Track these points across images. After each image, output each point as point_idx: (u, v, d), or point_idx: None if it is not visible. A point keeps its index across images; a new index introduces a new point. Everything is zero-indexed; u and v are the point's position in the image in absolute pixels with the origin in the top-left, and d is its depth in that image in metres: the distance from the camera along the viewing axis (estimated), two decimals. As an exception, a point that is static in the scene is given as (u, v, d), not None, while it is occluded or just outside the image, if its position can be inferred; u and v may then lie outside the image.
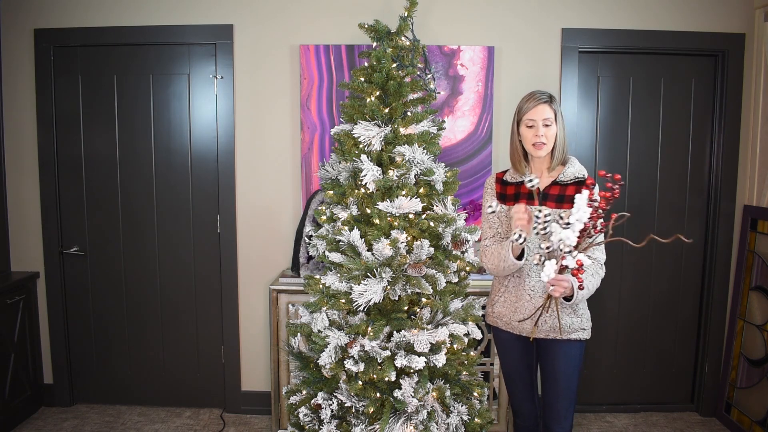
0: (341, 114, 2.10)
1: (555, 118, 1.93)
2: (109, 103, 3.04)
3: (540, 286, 1.93)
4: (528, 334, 1.97)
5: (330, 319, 1.99)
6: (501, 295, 2.03)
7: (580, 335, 1.97)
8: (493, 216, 2.02)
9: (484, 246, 2.02)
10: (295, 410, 2.10)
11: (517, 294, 1.97)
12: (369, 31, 2.08)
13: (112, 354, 3.20)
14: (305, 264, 2.73)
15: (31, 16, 2.98)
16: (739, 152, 3.01)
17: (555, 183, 1.96)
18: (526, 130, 1.94)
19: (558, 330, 1.93)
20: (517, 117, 1.97)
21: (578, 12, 2.94)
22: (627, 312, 3.16)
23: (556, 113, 1.93)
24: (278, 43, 2.96)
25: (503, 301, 2.02)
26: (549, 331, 1.96)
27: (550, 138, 1.93)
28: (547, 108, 1.91)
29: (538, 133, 1.91)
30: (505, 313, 2.01)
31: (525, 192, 1.97)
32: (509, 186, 2.02)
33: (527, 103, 1.94)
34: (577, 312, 1.97)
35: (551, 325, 1.94)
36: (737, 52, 2.95)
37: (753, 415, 2.81)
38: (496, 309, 2.06)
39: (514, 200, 1.98)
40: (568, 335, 1.96)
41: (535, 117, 1.91)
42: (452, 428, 1.98)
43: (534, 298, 1.93)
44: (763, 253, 2.86)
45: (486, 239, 2.03)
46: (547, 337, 1.98)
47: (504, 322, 2.03)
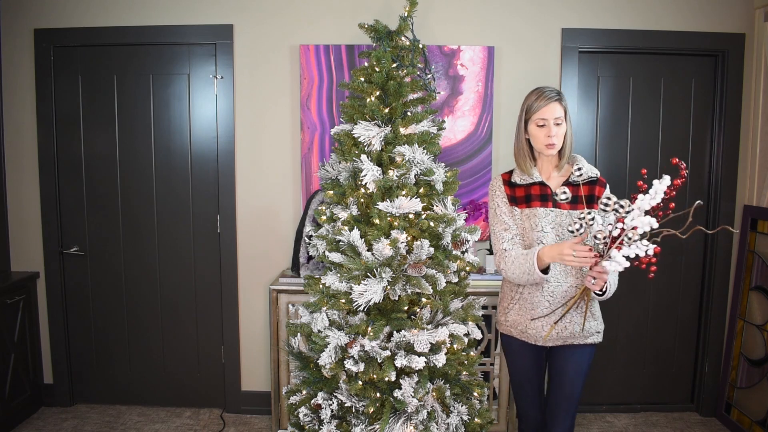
0: (341, 114, 2.10)
1: (565, 116, 1.86)
2: (109, 103, 3.05)
3: (560, 291, 1.86)
4: (543, 338, 1.90)
5: (330, 319, 1.98)
6: (515, 303, 1.96)
7: (595, 339, 1.93)
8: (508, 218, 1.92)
9: (503, 250, 1.91)
10: (295, 410, 2.10)
11: (533, 301, 1.90)
12: (369, 31, 2.08)
13: (112, 354, 3.20)
14: (305, 264, 2.73)
15: (31, 16, 2.98)
16: (739, 152, 3.01)
17: (568, 183, 1.90)
18: (537, 129, 1.86)
19: (576, 335, 1.88)
20: (526, 115, 1.89)
21: (578, 12, 2.94)
22: (627, 312, 3.16)
23: (566, 111, 1.86)
24: (278, 43, 2.96)
25: (518, 309, 1.95)
26: (568, 338, 1.90)
27: (561, 137, 1.86)
28: (557, 106, 1.84)
29: (550, 132, 1.83)
30: (521, 321, 1.94)
31: (536, 194, 1.89)
32: (519, 188, 1.94)
33: (537, 101, 1.85)
34: (596, 315, 1.93)
35: (571, 332, 1.89)
36: (737, 52, 2.95)
37: (753, 415, 2.81)
38: (510, 317, 1.98)
39: (526, 203, 1.90)
40: (585, 339, 1.91)
41: (547, 116, 1.83)
42: (452, 428, 1.98)
43: (553, 304, 1.87)
44: (763, 253, 2.86)
45: (504, 242, 1.92)
46: (564, 344, 1.92)
47: (519, 330, 1.96)
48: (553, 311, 1.85)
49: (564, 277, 1.87)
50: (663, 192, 1.55)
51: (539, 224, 1.87)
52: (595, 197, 1.89)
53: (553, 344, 1.93)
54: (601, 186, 1.92)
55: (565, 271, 1.87)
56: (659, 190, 1.55)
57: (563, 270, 1.87)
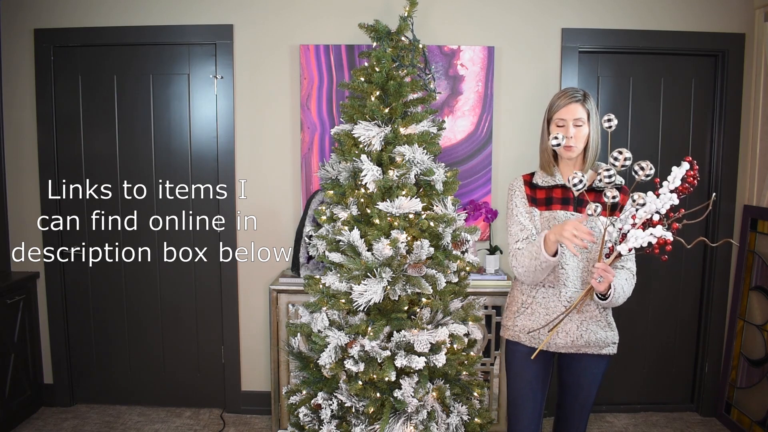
0: (341, 114, 2.10)
1: (588, 119, 1.79)
2: (109, 103, 3.04)
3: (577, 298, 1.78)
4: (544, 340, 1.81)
5: (330, 319, 1.98)
6: (527, 307, 1.87)
7: (610, 350, 1.88)
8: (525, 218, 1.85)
9: (517, 249, 1.84)
10: (295, 410, 2.10)
11: (548, 306, 1.83)
12: (369, 31, 2.08)
13: (112, 354, 3.20)
14: (305, 264, 2.73)
15: (31, 16, 2.97)
16: (739, 152, 3.01)
17: (591, 189, 1.83)
18: (556, 129, 1.81)
19: (591, 344, 1.83)
20: (548, 115, 1.85)
21: (578, 12, 2.94)
22: (627, 312, 3.15)
23: (590, 113, 1.80)
24: (278, 43, 2.96)
25: (530, 313, 1.86)
26: (582, 347, 1.85)
27: (581, 139, 1.79)
28: (579, 107, 1.79)
29: (568, 133, 1.77)
30: (533, 327, 1.86)
31: (558, 197, 1.84)
32: (540, 189, 1.88)
33: (559, 100, 1.81)
34: (612, 326, 1.87)
35: (587, 340, 1.83)
36: (737, 52, 2.95)
37: (753, 415, 2.81)
38: (519, 322, 1.89)
39: (546, 205, 1.85)
40: (600, 350, 1.86)
41: (566, 116, 1.79)
42: (452, 428, 1.98)
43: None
44: (763, 253, 2.86)
45: (518, 241, 1.85)
46: (578, 353, 1.87)
47: (529, 336, 1.87)
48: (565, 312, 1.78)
49: (581, 284, 1.82)
50: (681, 177, 1.56)
51: None
52: (618, 205, 1.83)
53: (567, 351, 1.88)
54: (625, 194, 1.86)
55: (582, 278, 1.82)
56: (678, 175, 1.56)
57: (580, 277, 1.82)
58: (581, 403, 1.93)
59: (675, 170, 1.58)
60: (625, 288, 1.79)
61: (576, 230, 1.61)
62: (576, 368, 1.91)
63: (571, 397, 1.95)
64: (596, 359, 1.89)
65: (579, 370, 1.90)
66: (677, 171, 1.58)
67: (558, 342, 1.85)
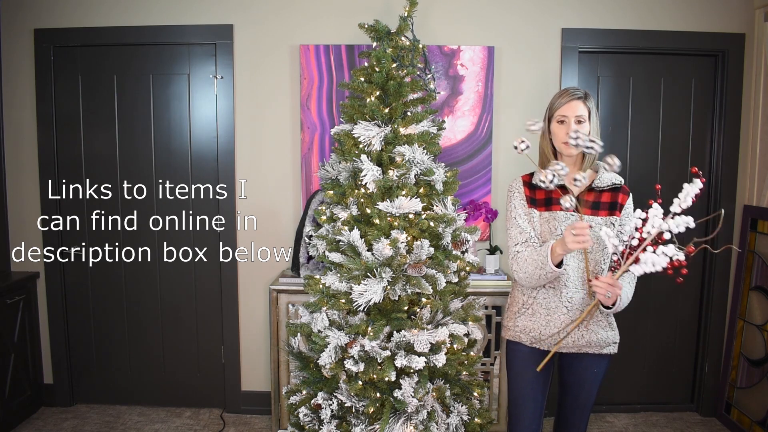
0: (341, 114, 2.10)
1: (589, 117, 1.80)
2: (109, 103, 3.04)
3: (578, 297, 1.81)
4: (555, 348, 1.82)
5: (330, 319, 1.98)
6: (528, 308, 1.88)
7: (611, 350, 1.89)
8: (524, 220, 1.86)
9: (516, 252, 1.85)
10: (295, 410, 2.10)
11: (549, 307, 1.84)
12: (369, 31, 2.08)
13: (112, 354, 3.20)
14: (305, 264, 2.73)
15: (31, 16, 2.98)
16: (739, 152, 3.01)
17: (590, 189, 1.83)
18: (557, 126, 1.81)
19: (593, 344, 1.85)
20: (549, 113, 1.85)
21: (578, 12, 2.94)
22: (627, 312, 3.14)
23: (590, 111, 1.81)
24: (278, 43, 2.96)
25: (531, 314, 1.87)
26: (583, 346, 1.86)
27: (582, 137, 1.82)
28: (580, 105, 1.79)
29: (569, 130, 1.76)
30: (534, 328, 1.86)
31: (557, 197, 1.81)
32: (540, 190, 1.87)
33: (560, 98, 1.82)
34: (613, 326, 1.89)
35: (588, 340, 1.84)
36: (737, 52, 2.95)
37: (753, 415, 2.81)
38: (520, 323, 1.89)
39: (546, 206, 1.85)
40: (601, 349, 1.88)
41: (567, 113, 1.79)
42: (452, 428, 1.98)
43: (571, 311, 1.81)
44: (763, 253, 2.86)
45: (517, 244, 1.85)
46: (579, 352, 1.88)
47: (531, 337, 1.87)
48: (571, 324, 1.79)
49: (582, 284, 1.82)
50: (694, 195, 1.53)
51: (559, 228, 1.81)
52: (618, 204, 1.83)
53: (567, 351, 1.88)
54: (625, 194, 1.86)
55: (583, 278, 1.82)
56: (690, 192, 1.53)
57: (582, 277, 1.82)
58: (582, 403, 1.93)
59: (687, 187, 1.54)
60: (629, 294, 1.82)
61: (574, 230, 1.63)
62: (577, 368, 1.91)
63: (571, 396, 1.95)
64: (597, 359, 1.90)
65: (580, 370, 1.91)
66: (689, 188, 1.54)
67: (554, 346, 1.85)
